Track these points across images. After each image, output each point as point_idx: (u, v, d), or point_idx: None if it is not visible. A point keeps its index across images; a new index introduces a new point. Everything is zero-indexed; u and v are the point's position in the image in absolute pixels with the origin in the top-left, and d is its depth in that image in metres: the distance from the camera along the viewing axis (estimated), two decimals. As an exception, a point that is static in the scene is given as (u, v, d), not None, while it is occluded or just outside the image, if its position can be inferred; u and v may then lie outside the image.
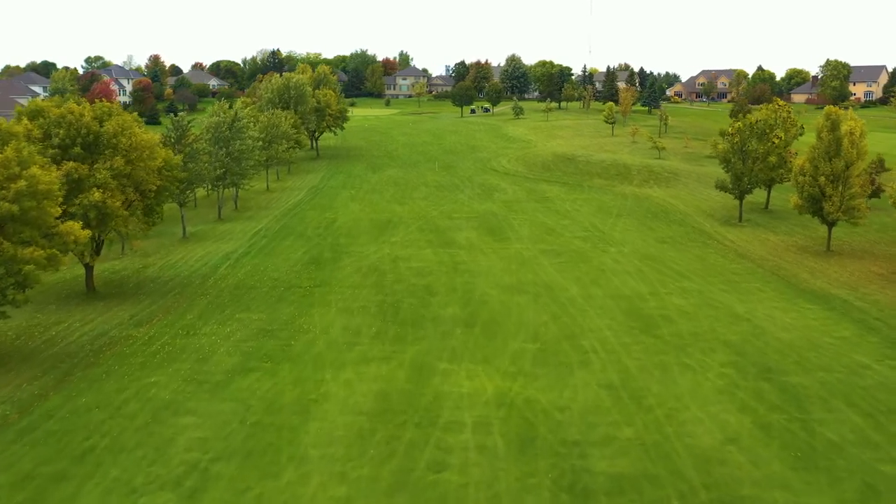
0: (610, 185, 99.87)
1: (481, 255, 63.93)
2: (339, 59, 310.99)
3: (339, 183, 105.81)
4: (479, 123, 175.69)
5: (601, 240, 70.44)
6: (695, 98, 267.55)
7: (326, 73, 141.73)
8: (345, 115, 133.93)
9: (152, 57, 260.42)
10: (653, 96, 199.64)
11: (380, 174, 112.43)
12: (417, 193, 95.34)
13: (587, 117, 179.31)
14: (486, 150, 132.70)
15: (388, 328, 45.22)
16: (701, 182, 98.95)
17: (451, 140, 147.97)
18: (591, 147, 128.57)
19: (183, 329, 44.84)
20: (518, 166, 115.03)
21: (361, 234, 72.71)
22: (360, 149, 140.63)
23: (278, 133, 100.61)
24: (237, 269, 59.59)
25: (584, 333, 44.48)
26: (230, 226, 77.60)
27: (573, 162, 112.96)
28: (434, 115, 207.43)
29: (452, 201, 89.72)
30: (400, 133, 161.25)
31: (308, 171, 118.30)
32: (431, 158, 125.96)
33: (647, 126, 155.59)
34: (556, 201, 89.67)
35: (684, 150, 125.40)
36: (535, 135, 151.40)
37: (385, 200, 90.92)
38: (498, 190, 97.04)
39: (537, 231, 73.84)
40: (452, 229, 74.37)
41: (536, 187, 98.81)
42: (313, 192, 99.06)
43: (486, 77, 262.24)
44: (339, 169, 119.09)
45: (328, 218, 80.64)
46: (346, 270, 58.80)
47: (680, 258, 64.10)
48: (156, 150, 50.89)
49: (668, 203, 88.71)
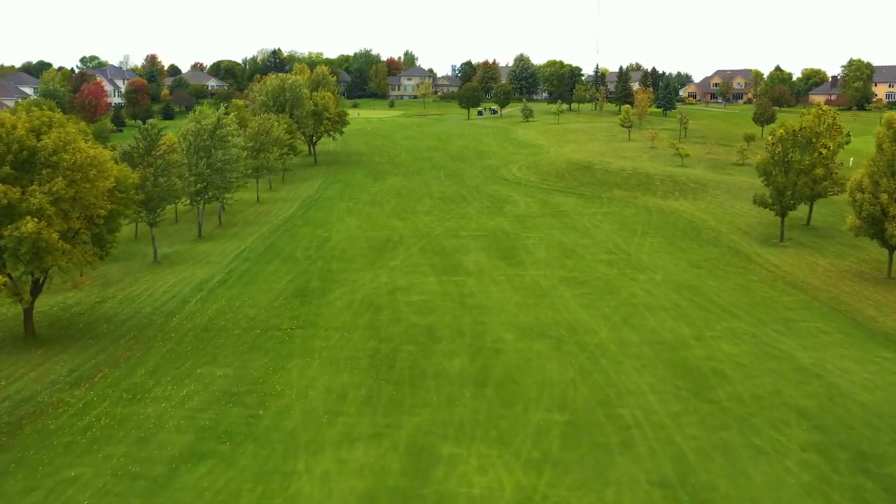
0: (631, 196, 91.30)
1: (492, 285, 55.57)
2: (343, 58, 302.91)
3: (337, 193, 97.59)
4: (486, 126, 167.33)
5: (628, 264, 61.99)
6: (709, 99, 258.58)
7: (325, 74, 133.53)
8: (344, 119, 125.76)
9: (149, 57, 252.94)
10: (668, 98, 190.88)
11: (380, 183, 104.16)
12: (421, 206, 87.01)
13: (600, 120, 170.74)
14: (495, 157, 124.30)
15: (380, 389, 36.90)
16: (731, 194, 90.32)
17: (457, 145, 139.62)
18: (608, 153, 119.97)
19: (129, 391, 36.58)
20: (530, 175, 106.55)
21: (357, 256, 64.44)
22: (360, 154, 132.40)
23: (269, 139, 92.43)
24: (209, 303, 51.32)
25: (622, 397, 36.07)
26: (210, 246, 69.40)
27: (590, 170, 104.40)
28: (440, 118, 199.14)
29: (459, 216, 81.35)
30: (403, 137, 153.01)
31: (304, 180, 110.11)
32: (436, 165, 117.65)
33: (664, 130, 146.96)
34: (574, 216, 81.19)
35: (708, 157, 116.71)
36: (546, 139, 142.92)
37: (385, 215, 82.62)
38: (509, 202, 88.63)
39: (555, 253, 65.43)
40: (459, 251, 66.03)
41: (551, 199, 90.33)
42: (307, 203, 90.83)
43: (493, 77, 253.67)
44: (337, 177, 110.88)
45: (321, 236, 72.39)
46: (335, 305, 50.48)
47: (721, 288, 55.59)
48: (106, 167, 42.61)
49: (697, 218, 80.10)
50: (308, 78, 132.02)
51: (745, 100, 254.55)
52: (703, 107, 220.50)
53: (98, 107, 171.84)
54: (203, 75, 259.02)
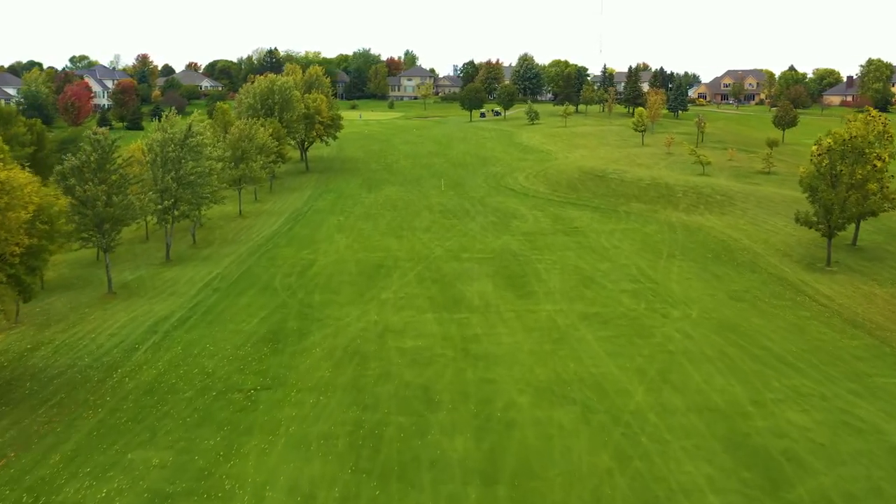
0: (652, 210, 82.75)
1: (501, 324, 47.12)
2: (341, 58, 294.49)
3: (327, 205, 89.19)
4: (489, 129, 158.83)
5: (657, 295, 53.52)
6: (720, 100, 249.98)
7: (318, 75, 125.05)
8: (338, 123, 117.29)
9: (140, 56, 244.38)
10: (679, 99, 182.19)
11: (376, 193, 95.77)
12: (419, 221, 78.57)
13: (610, 123, 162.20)
14: (500, 163, 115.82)
15: (360, 486, 28.48)
16: (762, 207, 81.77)
17: (459, 150, 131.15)
18: (622, 160, 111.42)
19: (32, 490, 28.19)
20: (538, 185, 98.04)
21: (344, 285, 56.02)
22: (356, 161, 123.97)
23: (252, 146, 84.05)
24: (162, 351, 42.91)
25: (674, 499, 27.65)
26: (178, 271, 61.01)
27: (604, 180, 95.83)
28: (441, 120, 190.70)
29: (461, 233, 72.92)
30: (402, 141, 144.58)
31: (293, 189, 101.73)
32: (437, 173, 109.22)
33: (679, 134, 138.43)
34: (589, 233, 72.72)
35: (730, 165, 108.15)
36: (553, 144, 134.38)
37: (379, 232, 74.19)
38: (516, 217, 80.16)
39: (571, 280, 56.99)
40: (462, 278, 57.60)
41: (563, 213, 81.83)
42: (294, 217, 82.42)
43: (496, 78, 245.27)
44: (329, 186, 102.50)
45: (305, 259, 63.99)
46: (313, 354, 42.08)
47: (771, 329, 47.11)
48: (23, 193, 34.24)
49: (728, 237, 71.58)
50: (300, 79, 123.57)
51: (756, 101, 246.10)
52: (715, 108, 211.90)
53: (82, 109, 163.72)
54: (196, 76, 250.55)
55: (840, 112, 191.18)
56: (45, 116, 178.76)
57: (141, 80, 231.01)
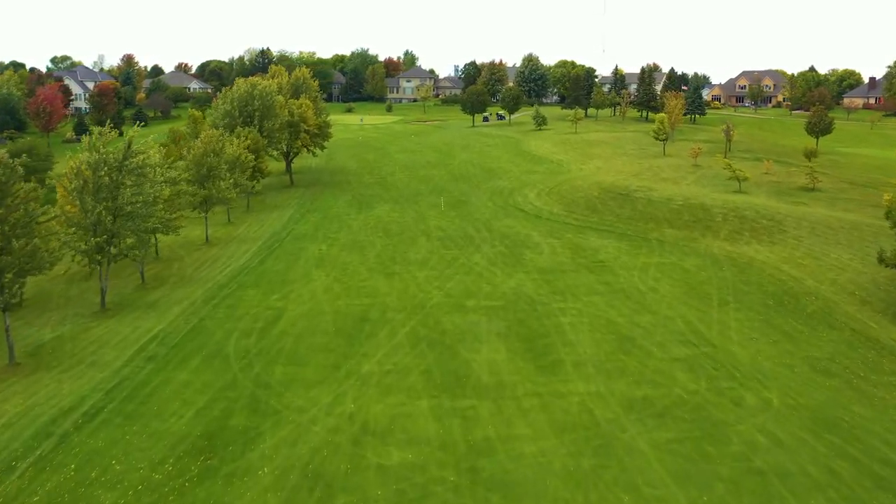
0: (688, 238, 70.58)
1: (520, 419, 35.05)
2: (338, 58, 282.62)
3: (310, 229, 77.12)
4: (494, 136, 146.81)
5: (719, 366, 41.42)
6: (735, 103, 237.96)
7: (306, 78, 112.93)
8: (326, 132, 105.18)
9: (125, 57, 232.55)
10: (697, 103, 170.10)
11: (366, 214, 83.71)
12: (414, 252, 66.52)
13: (623, 129, 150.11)
14: (507, 176, 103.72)
15: None
16: (817, 235, 69.60)
17: (461, 160, 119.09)
18: (645, 174, 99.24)
19: None
20: (552, 204, 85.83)
21: (315, 350, 43.90)
22: (347, 172, 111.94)
23: (220, 163, 72.03)
24: (47, 473, 30.72)
25: None
26: (111, 326, 48.90)
27: (628, 199, 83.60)
28: (441, 124, 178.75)
29: (464, 269, 60.85)
30: (399, 149, 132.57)
31: (273, 208, 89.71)
32: (436, 188, 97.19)
33: (701, 142, 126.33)
34: (618, 270, 60.60)
35: (767, 180, 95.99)
36: (565, 152, 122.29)
37: (366, 266, 62.11)
38: (529, 246, 68.06)
39: (605, 342, 44.91)
40: (466, 338, 45.51)
41: (583, 242, 69.68)
42: (269, 246, 70.35)
43: (499, 79, 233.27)
44: (314, 204, 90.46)
45: (273, 308, 51.89)
46: (257, 481, 29.96)
47: (885, 426, 35.01)
48: None
49: (787, 275, 59.42)
50: (286, 82, 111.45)
51: (774, 103, 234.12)
52: (732, 111, 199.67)
53: (54, 114, 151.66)
54: (185, 77, 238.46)
55: (867, 116, 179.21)
56: (18, 122, 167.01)
57: (125, 81, 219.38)
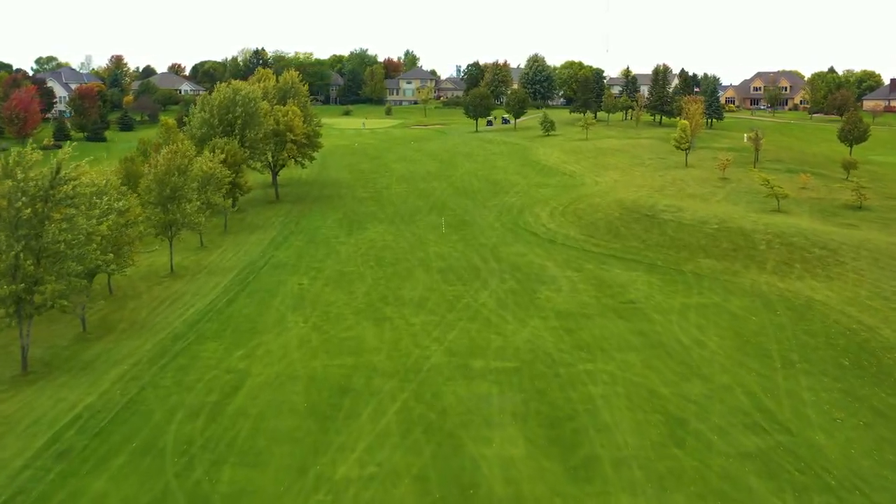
0: (729, 270, 60.71)
1: (549, 566, 25.28)
2: (336, 58, 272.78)
3: (292, 256, 67.46)
4: (499, 142, 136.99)
5: (806, 469, 31.56)
6: (749, 105, 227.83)
7: (294, 81, 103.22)
8: (315, 142, 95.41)
9: (114, 58, 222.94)
10: (714, 106, 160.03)
11: (358, 237, 74.04)
12: (409, 288, 56.77)
13: (637, 135, 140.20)
14: (515, 190, 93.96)
15: None
16: (881, 266, 59.73)
17: (464, 170, 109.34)
18: (669, 189, 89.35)
19: None
20: (567, 225, 75.99)
21: (278, 442, 34.08)
22: (339, 185, 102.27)
23: (185, 181, 62.40)
24: None
25: None
26: (27, 398, 39.11)
27: (654, 221, 73.67)
28: (443, 128, 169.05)
29: (469, 313, 51.07)
30: (397, 158, 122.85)
31: (254, 228, 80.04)
32: (437, 205, 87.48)
33: (723, 150, 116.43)
34: (653, 313, 50.75)
35: (806, 196, 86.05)
36: (577, 162, 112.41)
37: (352, 308, 52.33)
38: (545, 281, 58.25)
39: (650, 426, 35.07)
40: (473, 421, 35.69)
41: (608, 275, 59.83)
42: (242, 279, 60.68)
43: (503, 81, 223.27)
44: (300, 224, 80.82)
45: (232, 371, 42.09)
46: None
47: None
48: None
49: (856, 322, 49.45)
50: (272, 87, 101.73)
51: (790, 106, 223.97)
52: (749, 115, 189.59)
53: (29, 119, 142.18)
54: (175, 78, 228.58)
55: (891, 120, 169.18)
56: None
57: (113, 83, 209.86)
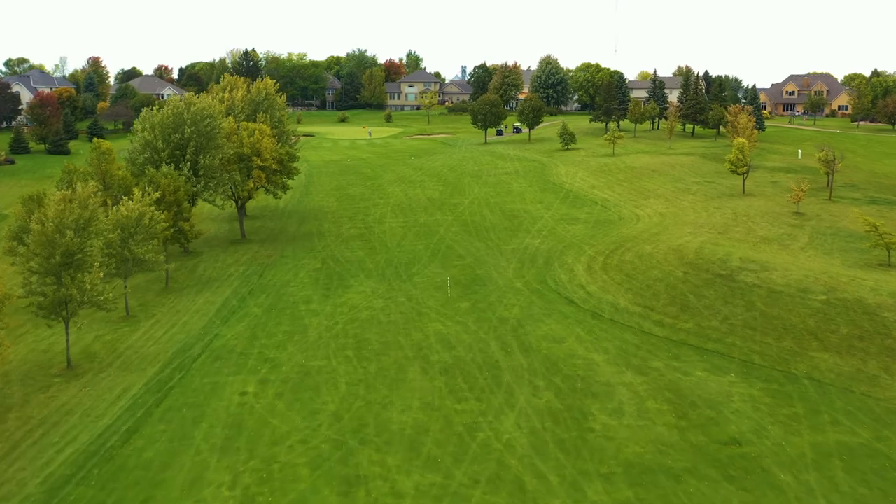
0: (861, 372, 42.07)
1: None
2: (333, 60, 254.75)
3: (242, 336, 49.26)
4: (512, 158, 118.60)
5: None
6: (781, 111, 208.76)
7: (269, 91, 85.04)
8: (289, 168, 77.09)
9: (91, 59, 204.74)
10: (757, 116, 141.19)
11: (335, 301, 55.87)
12: (399, 408, 38.46)
13: (671, 149, 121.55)
14: (537, 227, 75.55)
15: None
16: None
17: (473, 197, 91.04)
18: (734, 229, 70.56)
19: None
20: (614, 288, 57.35)
21: None
22: (322, 217, 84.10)
23: (84, 243, 44.28)
24: None
25: None
26: None
27: (734, 285, 54.74)
28: (448, 139, 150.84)
29: (489, 470, 32.74)
30: (394, 178, 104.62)
31: (203, 285, 61.92)
32: (440, 250, 69.18)
33: (779, 170, 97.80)
34: (773, 467, 32.29)
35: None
36: (609, 187, 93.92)
37: (309, 455, 34.02)
38: (596, 392, 39.85)
39: None
40: None
41: (687, 382, 41.23)
42: (163, 382, 42.49)
43: (514, 84, 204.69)
44: (265, 277, 62.72)
45: None
46: None
47: None
48: None
49: None
50: (241, 98, 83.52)
51: (827, 112, 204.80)
52: (788, 124, 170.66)
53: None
54: (159, 82, 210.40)
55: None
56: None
57: (88, 87, 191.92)
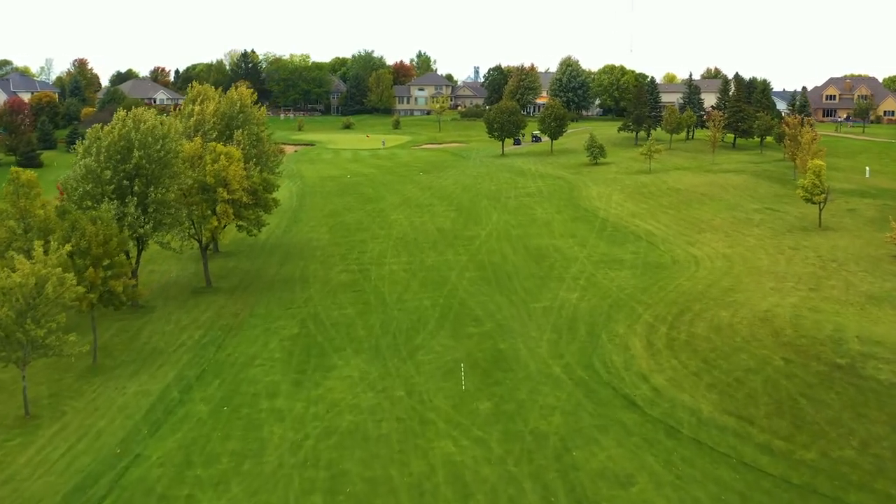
0: None
1: None
2: (338, 61, 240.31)
3: (173, 460, 34.85)
4: (534, 174, 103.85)
5: None
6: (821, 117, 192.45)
7: (245, 104, 70.64)
8: (265, 200, 62.58)
9: (77, 62, 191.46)
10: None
11: (310, 393, 41.41)
12: None
13: (717, 165, 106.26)
14: (572, 274, 60.72)
15: None
16: None
17: (491, 227, 76.35)
18: (827, 281, 55.30)
19: None
20: (688, 382, 42.33)
21: None
22: (307, 256, 69.68)
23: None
24: None
25: None
26: None
27: (861, 383, 39.51)
28: (460, 148, 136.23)
29: None
30: (399, 201, 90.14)
31: (142, 361, 47.57)
32: (451, 309, 54.41)
33: (851, 194, 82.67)
34: None
35: None
36: (651, 215, 78.93)
37: None
38: None
39: None
40: None
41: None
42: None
43: (531, 87, 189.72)
44: (221, 351, 48.35)
45: None
46: None
47: None
48: None
49: None
50: (211, 112, 69.11)
51: (872, 118, 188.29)
52: (835, 132, 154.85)
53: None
54: (152, 85, 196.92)
55: None
56: None
57: (73, 91, 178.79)
